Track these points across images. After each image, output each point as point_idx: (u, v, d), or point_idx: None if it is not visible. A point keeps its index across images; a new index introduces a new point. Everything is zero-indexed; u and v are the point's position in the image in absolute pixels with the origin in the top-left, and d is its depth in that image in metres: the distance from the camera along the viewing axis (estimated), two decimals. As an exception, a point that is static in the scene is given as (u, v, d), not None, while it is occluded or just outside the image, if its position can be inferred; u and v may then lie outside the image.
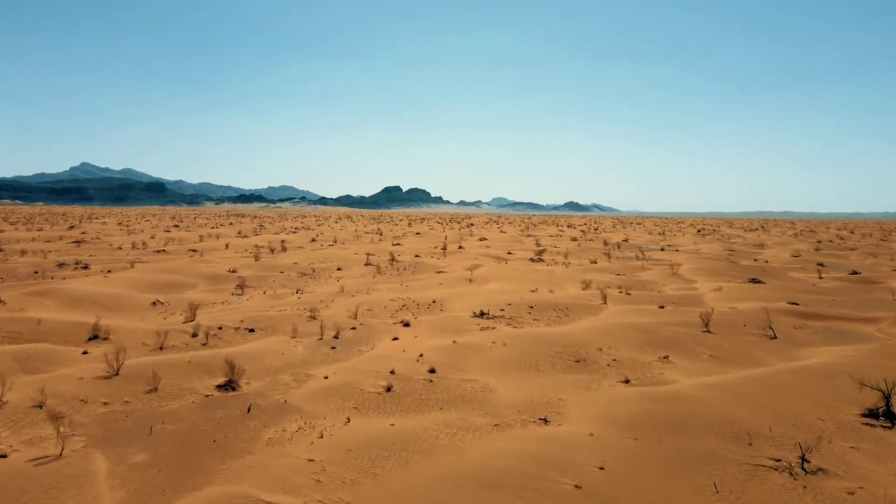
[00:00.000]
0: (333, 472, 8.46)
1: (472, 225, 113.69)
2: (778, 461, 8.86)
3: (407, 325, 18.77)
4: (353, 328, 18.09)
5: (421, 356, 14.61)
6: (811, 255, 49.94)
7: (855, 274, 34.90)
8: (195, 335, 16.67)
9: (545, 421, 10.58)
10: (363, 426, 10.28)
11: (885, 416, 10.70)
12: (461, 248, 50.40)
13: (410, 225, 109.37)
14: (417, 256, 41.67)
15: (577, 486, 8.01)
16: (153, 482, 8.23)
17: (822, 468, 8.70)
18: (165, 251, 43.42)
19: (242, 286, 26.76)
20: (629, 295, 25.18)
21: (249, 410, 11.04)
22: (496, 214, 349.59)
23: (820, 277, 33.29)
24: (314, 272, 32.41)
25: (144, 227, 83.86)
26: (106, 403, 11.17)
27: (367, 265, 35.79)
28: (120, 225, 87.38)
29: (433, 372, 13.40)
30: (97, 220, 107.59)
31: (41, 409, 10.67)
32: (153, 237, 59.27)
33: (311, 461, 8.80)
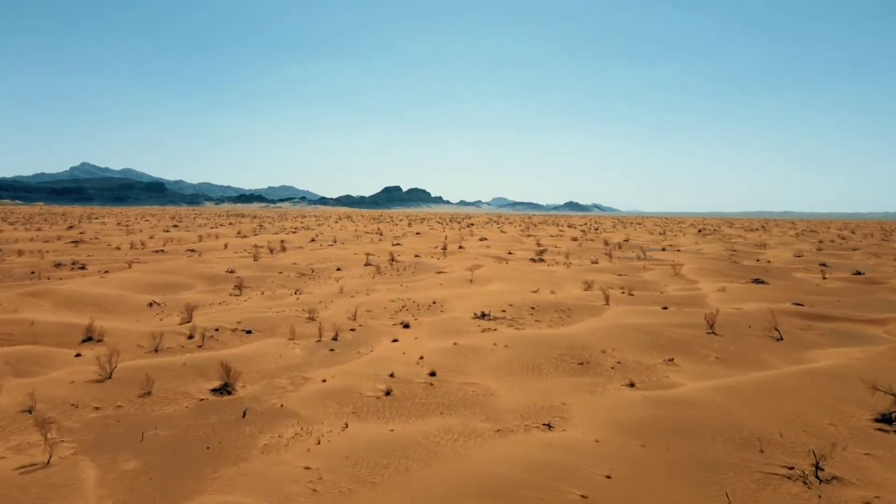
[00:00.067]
0: (330, 480, 8.16)
1: (472, 225, 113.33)
2: (791, 469, 8.56)
3: (407, 326, 18.47)
4: (352, 330, 17.79)
5: (421, 358, 14.31)
6: (813, 255, 49.63)
7: (859, 274, 34.59)
8: (191, 337, 16.37)
9: (549, 426, 10.28)
10: (362, 432, 9.98)
11: (898, 421, 10.41)
12: (461, 248, 50.08)
13: (410, 225, 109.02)
14: (417, 256, 41.37)
15: (583, 496, 7.71)
16: (143, 492, 7.93)
17: (836, 476, 8.41)
18: (164, 251, 43.12)
19: (241, 287, 26.46)
20: (632, 296, 24.88)
21: (245, 415, 10.75)
22: (496, 214, 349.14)
23: (823, 278, 32.99)
24: (313, 272, 32.10)
25: (143, 227, 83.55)
26: (97, 408, 10.87)
27: (366, 265, 35.48)
28: (119, 225, 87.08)
29: (433, 375, 13.10)
30: (96, 220, 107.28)
31: (31, 413, 10.38)
32: (152, 237, 58.96)
33: (307, 469, 8.50)
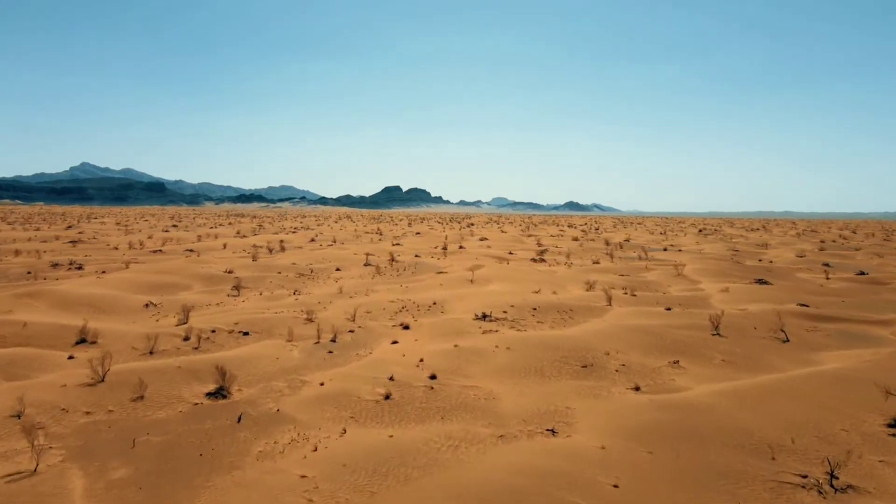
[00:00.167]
0: (327, 490, 7.86)
1: (472, 225, 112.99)
2: (804, 477, 8.26)
3: (407, 327, 18.16)
4: (350, 331, 17.49)
5: (421, 361, 14.01)
6: (816, 255, 49.31)
7: (862, 274, 34.28)
8: (187, 339, 16.07)
9: (553, 432, 9.98)
10: (360, 438, 9.68)
11: (912, 426, 10.12)
12: (462, 248, 49.77)
13: (410, 225, 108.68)
14: (417, 256, 41.06)
15: (590, 506, 7.41)
16: (132, 502, 7.62)
17: (851, 485, 8.11)
18: (162, 251, 42.81)
19: (239, 287, 26.16)
20: (634, 296, 24.57)
21: (240, 420, 10.45)
22: (496, 214, 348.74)
23: (827, 278, 32.68)
24: (312, 273, 31.80)
25: (143, 226, 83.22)
26: (88, 413, 10.57)
27: (366, 265, 35.17)
28: (118, 225, 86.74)
29: (434, 378, 12.80)
30: (96, 219, 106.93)
31: (19, 418, 10.08)
32: (150, 237, 58.64)
33: (303, 478, 8.20)
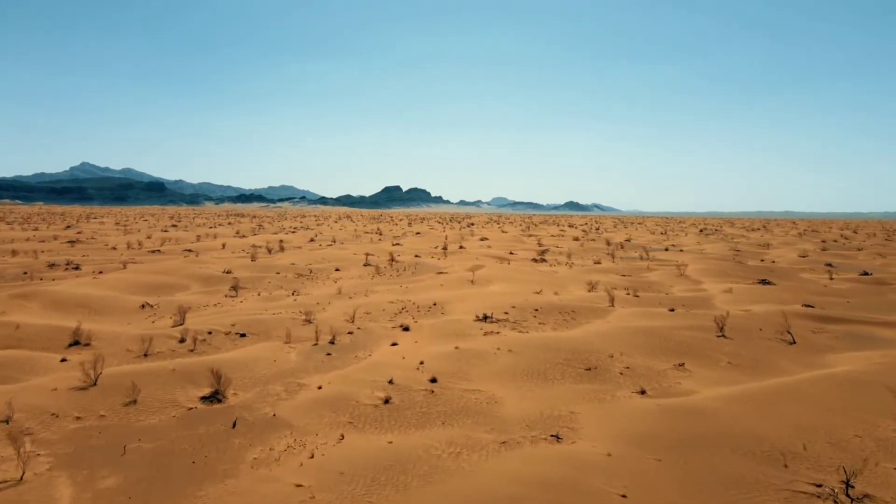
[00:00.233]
0: (323, 500, 7.57)
1: (472, 225, 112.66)
2: (819, 486, 7.96)
3: (406, 329, 17.87)
4: (349, 333, 17.20)
5: (421, 364, 13.72)
6: (818, 255, 49.01)
7: (866, 275, 33.99)
8: (183, 340, 15.77)
9: (557, 438, 9.69)
10: (358, 444, 9.39)
11: (927, 432, 9.81)
12: (462, 248, 49.47)
13: (410, 225, 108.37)
14: (417, 257, 40.77)
15: (597, 517, 7.12)
16: (121, 512, 7.33)
17: (868, 494, 7.81)
18: (161, 251, 42.50)
19: (237, 288, 25.87)
20: (637, 297, 24.29)
21: (235, 425, 10.15)
22: (496, 214, 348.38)
23: (831, 278, 32.39)
24: (311, 273, 31.50)
25: (142, 226, 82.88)
26: (79, 418, 10.27)
27: (365, 266, 34.88)
28: (117, 225, 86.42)
29: (434, 381, 12.51)
30: (95, 219, 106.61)
31: (7, 424, 9.79)
32: (149, 237, 58.34)
33: (299, 487, 7.91)
